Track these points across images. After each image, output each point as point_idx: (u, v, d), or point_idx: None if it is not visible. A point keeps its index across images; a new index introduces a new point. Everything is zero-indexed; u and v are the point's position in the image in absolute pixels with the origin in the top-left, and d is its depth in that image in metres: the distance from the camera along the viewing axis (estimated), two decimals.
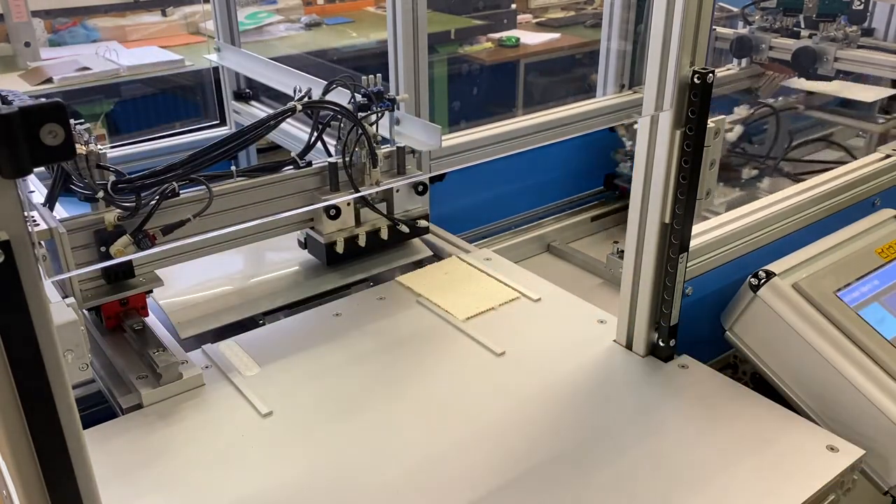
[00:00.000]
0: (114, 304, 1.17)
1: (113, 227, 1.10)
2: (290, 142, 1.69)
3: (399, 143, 1.37)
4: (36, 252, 0.54)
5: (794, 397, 1.15)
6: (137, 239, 1.11)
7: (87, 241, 1.11)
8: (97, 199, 1.09)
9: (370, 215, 1.39)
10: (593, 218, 1.92)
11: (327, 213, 1.32)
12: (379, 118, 1.32)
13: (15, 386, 0.55)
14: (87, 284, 1.15)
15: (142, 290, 1.18)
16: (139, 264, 1.17)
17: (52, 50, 2.85)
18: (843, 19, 2.06)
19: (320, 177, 1.32)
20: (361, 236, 1.38)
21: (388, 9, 1.41)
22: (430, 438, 1.03)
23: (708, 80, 0.99)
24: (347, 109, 1.28)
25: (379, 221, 1.40)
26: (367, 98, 1.29)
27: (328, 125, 1.32)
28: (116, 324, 1.19)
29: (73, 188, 1.10)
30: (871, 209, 1.46)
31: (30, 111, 0.48)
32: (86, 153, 1.08)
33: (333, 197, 1.31)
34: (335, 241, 1.35)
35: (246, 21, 3.18)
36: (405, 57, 1.42)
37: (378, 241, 1.40)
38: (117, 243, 1.10)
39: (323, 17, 3.47)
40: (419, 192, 1.44)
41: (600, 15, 2.09)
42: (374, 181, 1.32)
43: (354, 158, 1.30)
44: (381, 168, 1.34)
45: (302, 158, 1.30)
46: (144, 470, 0.97)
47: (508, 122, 1.75)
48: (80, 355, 0.83)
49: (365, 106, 1.29)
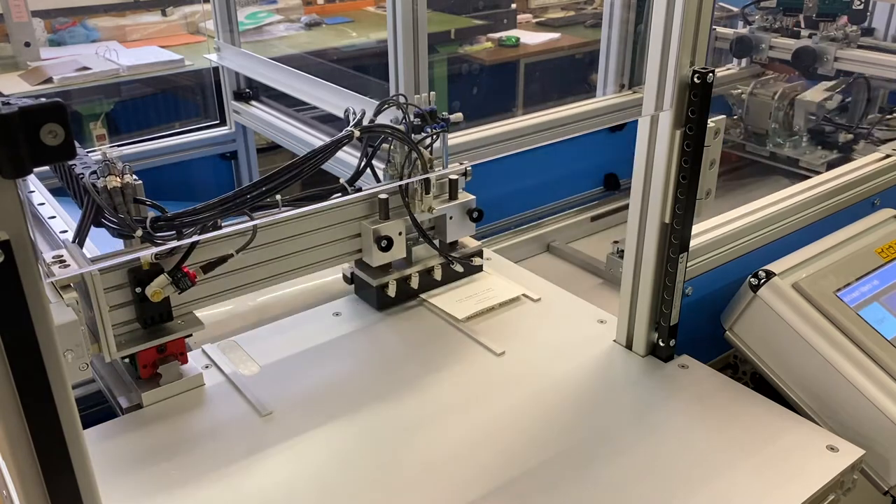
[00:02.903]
0: (151, 350, 1.06)
1: (149, 265, 1.01)
2: (334, 166, 1.50)
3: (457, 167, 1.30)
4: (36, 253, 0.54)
5: (794, 397, 1.15)
6: (176, 278, 1.02)
7: (120, 282, 1.02)
8: (133, 236, 0.98)
9: (422, 254, 1.31)
10: (593, 218, 1.92)
11: (378, 244, 1.22)
12: (434, 141, 1.24)
13: (15, 386, 0.55)
14: (120, 329, 1.04)
15: (181, 334, 1.07)
16: (177, 305, 1.08)
17: (52, 50, 2.85)
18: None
19: (368, 204, 1.23)
20: (414, 277, 1.29)
21: (388, 9, 1.40)
22: (430, 438, 1.03)
23: (708, 80, 0.99)
24: (405, 134, 1.19)
25: (431, 260, 1.32)
26: (420, 119, 1.21)
27: (378, 148, 1.23)
28: (153, 372, 1.08)
29: (104, 222, 0.99)
30: (871, 209, 1.46)
31: (30, 111, 0.48)
32: (121, 186, 0.97)
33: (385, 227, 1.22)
34: (387, 283, 1.27)
35: (246, 21, 3.18)
36: (405, 57, 1.41)
37: (431, 281, 1.32)
38: (154, 284, 1.01)
39: (323, 16, 3.47)
40: (474, 218, 1.32)
41: (600, 15, 2.09)
42: (427, 207, 1.25)
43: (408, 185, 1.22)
44: (433, 193, 1.26)
45: (352, 185, 1.19)
46: (144, 470, 0.97)
47: (508, 122, 1.75)
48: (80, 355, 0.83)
49: (418, 127, 1.21)
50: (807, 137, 2.05)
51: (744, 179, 2.14)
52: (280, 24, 3.32)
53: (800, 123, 2.00)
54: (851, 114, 2.05)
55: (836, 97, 1.96)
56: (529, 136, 1.74)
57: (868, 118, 2.05)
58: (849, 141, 2.02)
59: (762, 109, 2.07)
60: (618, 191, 2.06)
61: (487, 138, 1.68)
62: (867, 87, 2.02)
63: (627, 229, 1.14)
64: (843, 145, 2.02)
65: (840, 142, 2.03)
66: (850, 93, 2.02)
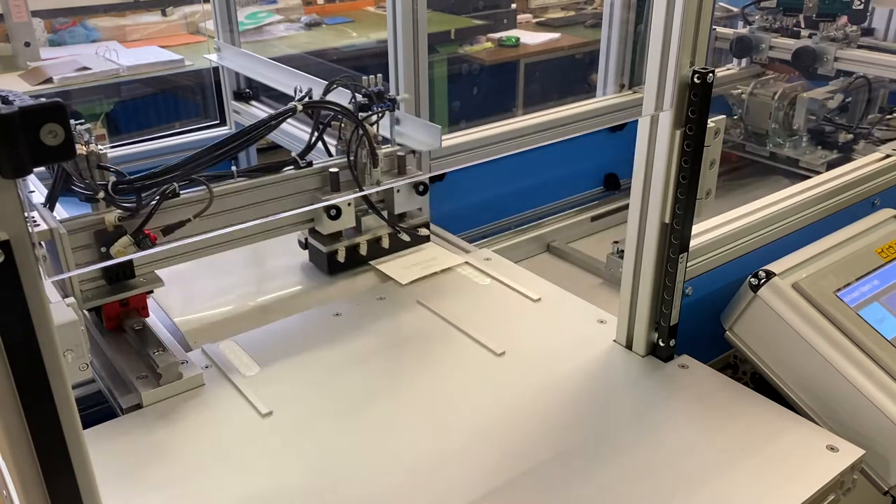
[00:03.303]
0: (114, 304, 1.17)
1: (113, 227, 1.10)
2: (290, 142, 1.69)
3: (399, 143, 1.38)
4: (36, 252, 0.54)
5: (794, 397, 1.15)
6: (138, 239, 1.11)
7: (87, 242, 1.11)
8: (98, 199, 1.09)
9: (371, 223, 1.40)
10: (593, 218, 1.92)
11: (328, 213, 1.32)
12: (380, 118, 1.33)
13: (15, 386, 0.55)
14: (87, 285, 1.14)
15: (142, 290, 1.17)
16: (140, 265, 1.17)
17: (51, 50, 2.85)
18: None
19: (321, 177, 1.33)
20: (362, 245, 1.39)
21: (388, 9, 1.41)
22: (430, 438, 1.03)
23: (708, 80, 0.99)
24: (348, 110, 1.28)
25: (380, 230, 1.41)
26: (367, 98, 1.30)
27: (329, 125, 1.33)
28: (117, 325, 1.18)
29: (73, 188, 1.10)
30: (871, 209, 1.46)
31: (30, 111, 0.48)
32: (86, 153, 1.09)
33: (335, 196, 1.32)
34: (336, 250, 1.37)
35: (246, 21, 3.18)
36: (405, 57, 1.42)
37: (379, 249, 1.42)
38: (118, 244, 1.11)
39: (323, 17, 3.47)
40: (420, 192, 1.44)
41: (600, 15, 2.09)
42: (375, 181, 1.33)
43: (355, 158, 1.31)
44: (381, 168, 1.35)
45: (302, 158, 1.30)
46: (144, 470, 0.97)
47: (508, 122, 1.75)
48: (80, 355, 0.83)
49: (365, 106, 1.29)
50: (807, 137, 2.05)
51: (744, 179, 2.14)
52: (280, 24, 3.32)
53: (800, 123, 2.01)
54: (851, 114, 2.05)
55: (836, 97, 1.97)
56: (529, 136, 1.74)
57: (868, 118, 2.05)
58: (849, 141, 2.03)
59: (762, 109, 2.07)
60: (618, 191, 2.06)
61: (488, 138, 1.68)
62: (867, 87, 2.02)
63: (627, 229, 1.14)
64: (843, 145, 2.03)
65: (840, 142, 2.03)
66: (850, 93, 2.03)
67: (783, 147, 2.07)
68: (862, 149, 1.98)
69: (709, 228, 1.25)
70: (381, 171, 1.34)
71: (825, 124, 2.03)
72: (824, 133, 2.05)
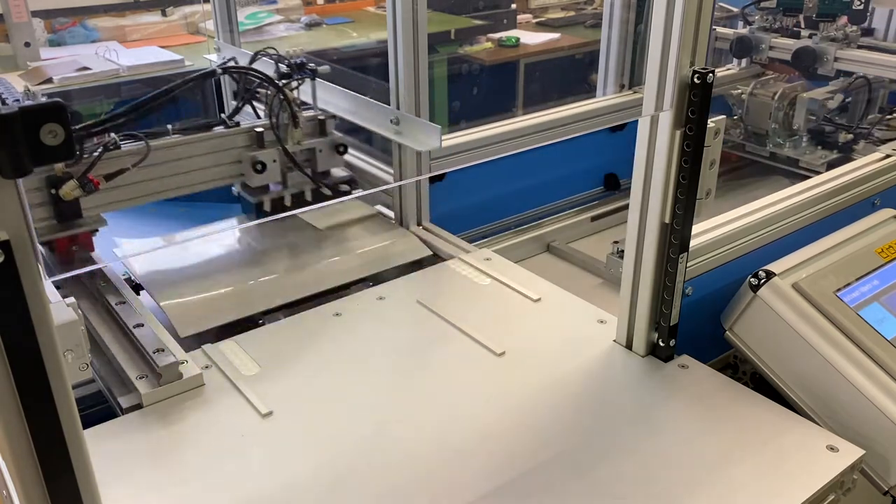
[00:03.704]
0: (64, 240, 1.33)
1: (62, 172, 1.25)
2: None
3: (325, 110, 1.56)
4: (36, 253, 0.54)
5: (794, 397, 1.15)
6: (83, 183, 1.25)
7: (39, 185, 1.25)
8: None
9: (296, 179, 1.53)
10: (593, 218, 1.92)
11: (254, 168, 1.48)
12: (299, 84, 1.49)
13: (15, 386, 0.55)
14: (40, 224, 1.28)
15: (88, 228, 1.32)
16: (86, 207, 1.31)
17: (51, 50, 2.85)
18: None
19: (248, 136, 1.48)
20: (287, 197, 1.54)
21: (388, 9, 1.41)
22: (430, 438, 1.03)
23: (708, 80, 0.99)
24: (266, 75, 1.45)
25: (304, 185, 1.55)
26: (290, 68, 1.48)
27: (256, 91, 1.51)
28: (67, 257, 1.35)
29: None
30: (871, 209, 1.46)
31: (30, 111, 0.48)
32: None
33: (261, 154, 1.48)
34: (262, 201, 1.52)
35: (246, 21, 3.18)
36: (405, 57, 1.42)
37: (302, 202, 1.56)
38: (66, 186, 1.25)
39: (323, 17, 3.47)
40: (340, 152, 1.57)
41: (600, 15, 2.09)
42: (297, 141, 1.49)
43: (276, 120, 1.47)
44: (302, 129, 1.49)
45: (231, 119, 1.48)
46: (144, 470, 0.97)
47: (508, 122, 1.75)
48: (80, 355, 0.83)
49: (288, 75, 1.47)
50: (807, 137, 2.05)
51: (744, 179, 2.14)
52: (280, 25, 3.31)
53: (800, 123, 2.01)
54: (851, 114, 2.05)
55: (836, 97, 1.97)
56: (529, 136, 1.74)
57: (868, 118, 2.05)
58: (849, 141, 2.03)
59: (762, 109, 2.07)
60: (618, 191, 2.05)
61: (488, 138, 1.68)
62: (867, 88, 2.02)
63: (627, 229, 1.14)
64: (843, 145, 2.03)
65: (840, 142, 2.03)
66: (850, 93, 2.03)
67: (783, 147, 2.07)
68: (862, 149, 1.98)
69: (709, 228, 1.25)
70: (301, 132, 1.49)
71: (825, 124, 2.03)
72: (824, 133, 2.05)
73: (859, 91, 2.02)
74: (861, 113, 2.05)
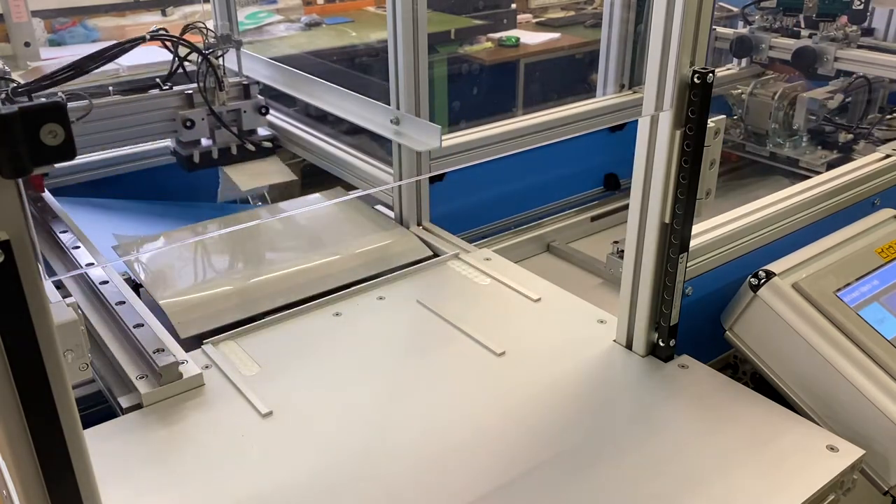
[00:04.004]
0: None
1: None
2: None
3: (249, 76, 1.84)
4: (36, 253, 0.54)
5: (794, 397, 1.15)
6: None
7: None
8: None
9: (225, 137, 1.80)
10: (593, 218, 1.92)
11: (184, 124, 1.74)
12: (224, 53, 1.75)
13: (15, 386, 0.55)
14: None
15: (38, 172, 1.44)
16: None
17: (51, 50, 2.85)
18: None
19: (180, 98, 1.75)
20: (214, 151, 1.80)
21: (388, 9, 1.41)
22: (430, 438, 1.03)
23: (708, 80, 0.99)
24: (191, 43, 1.69)
25: (231, 142, 1.81)
26: (216, 39, 1.75)
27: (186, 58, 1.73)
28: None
29: None
30: (871, 209, 1.46)
31: (30, 111, 0.48)
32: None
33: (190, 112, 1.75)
34: (192, 153, 1.78)
35: (246, 21, 3.18)
36: (405, 57, 1.42)
37: (229, 156, 1.82)
38: None
39: (323, 17, 3.46)
40: (262, 113, 1.84)
41: (600, 15, 2.09)
42: (222, 102, 1.77)
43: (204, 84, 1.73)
44: (227, 93, 1.77)
45: (165, 83, 1.74)
46: (144, 470, 0.97)
47: (508, 122, 1.75)
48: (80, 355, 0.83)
49: (215, 45, 1.74)
50: (807, 137, 2.05)
51: (744, 179, 2.14)
52: (280, 25, 3.31)
53: (800, 123, 2.01)
54: (851, 114, 2.05)
55: (836, 97, 1.97)
56: (529, 137, 1.74)
57: (868, 118, 2.05)
58: (849, 141, 2.03)
59: (762, 109, 2.07)
60: (618, 191, 2.05)
61: (487, 138, 1.68)
62: (867, 88, 2.02)
63: (627, 229, 1.14)
64: (843, 145, 2.03)
65: (840, 142, 2.03)
66: (850, 93, 2.03)
67: (783, 147, 2.07)
68: (862, 149, 1.98)
69: (709, 228, 1.25)
70: (226, 95, 1.76)
71: (825, 124, 2.03)
72: (824, 133, 2.05)
73: (859, 91, 2.02)
74: (861, 113, 2.05)
